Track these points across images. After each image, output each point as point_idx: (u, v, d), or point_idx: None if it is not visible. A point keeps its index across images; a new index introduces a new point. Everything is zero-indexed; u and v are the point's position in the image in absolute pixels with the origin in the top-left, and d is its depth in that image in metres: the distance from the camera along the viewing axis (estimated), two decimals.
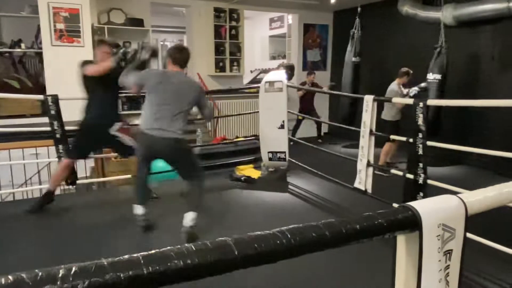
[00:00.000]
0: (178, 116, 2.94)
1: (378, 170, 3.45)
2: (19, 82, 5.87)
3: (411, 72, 5.32)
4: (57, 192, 4.64)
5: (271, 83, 4.51)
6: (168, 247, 0.47)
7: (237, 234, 0.52)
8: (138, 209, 3.17)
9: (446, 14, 5.81)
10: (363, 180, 3.33)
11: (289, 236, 0.51)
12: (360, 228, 0.56)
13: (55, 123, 3.62)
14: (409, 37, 7.00)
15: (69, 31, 5.66)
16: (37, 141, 4.34)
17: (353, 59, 6.60)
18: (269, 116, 4.53)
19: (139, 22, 6.80)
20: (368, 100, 3.26)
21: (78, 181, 4.06)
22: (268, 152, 4.64)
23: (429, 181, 2.85)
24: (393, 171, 3.34)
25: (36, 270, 0.41)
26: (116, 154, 4.09)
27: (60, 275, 0.41)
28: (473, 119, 5.87)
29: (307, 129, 7.81)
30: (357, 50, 6.58)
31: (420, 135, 2.86)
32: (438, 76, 5.22)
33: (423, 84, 5.23)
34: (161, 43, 13.52)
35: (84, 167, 4.90)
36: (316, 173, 4.43)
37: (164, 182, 4.72)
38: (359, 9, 6.57)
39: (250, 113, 5.20)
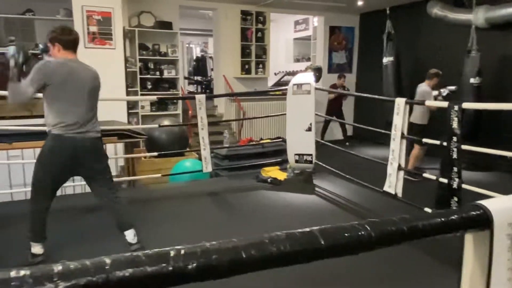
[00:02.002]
0: (94, 113, 2.62)
1: (406, 175, 3.40)
2: None
3: (441, 73, 5.23)
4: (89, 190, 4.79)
5: (299, 85, 4.52)
6: (263, 235, 0.50)
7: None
8: (36, 248, 2.61)
9: (477, 16, 5.69)
10: (393, 184, 3.30)
11: (369, 229, 0.53)
12: (435, 224, 0.58)
13: None
14: (438, 39, 6.88)
15: (101, 34, 5.83)
16: None
17: (387, 59, 6.57)
18: (297, 118, 4.54)
19: (168, 25, 6.93)
20: (400, 103, 3.23)
21: None
22: (295, 154, 4.64)
23: (464, 186, 2.81)
24: (425, 175, 3.30)
25: (149, 251, 0.44)
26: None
27: (171, 255, 0.44)
28: (506, 124, 5.72)
29: (334, 132, 7.79)
30: (393, 51, 6.54)
31: (455, 138, 2.81)
32: (473, 80, 5.17)
33: (453, 88, 5.15)
34: (187, 45, 13.75)
35: (114, 166, 5.03)
36: (343, 176, 4.41)
37: (191, 182, 4.81)
38: (387, 11, 6.52)
39: (277, 115, 5.23)
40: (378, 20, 6.93)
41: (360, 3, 7.23)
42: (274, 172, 4.91)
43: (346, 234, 0.52)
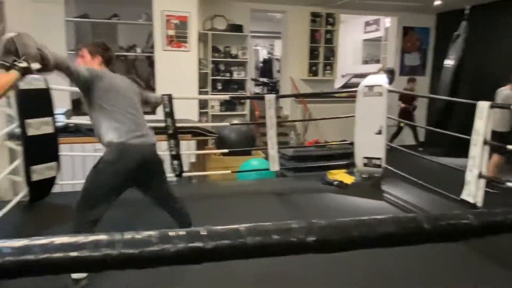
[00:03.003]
0: (144, 119, 2.48)
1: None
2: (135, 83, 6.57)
3: None
4: None
5: (370, 87, 4.44)
6: (369, 217, 0.54)
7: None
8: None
9: None
10: (473, 192, 3.12)
11: (472, 218, 0.55)
12: None
13: (169, 120, 3.99)
14: None
15: (178, 37, 6.19)
16: None
17: (449, 62, 6.24)
18: (367, 121, 4.46)
19: (239, 28, 7.16)
20: (483, 107, 3.05)
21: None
22: (363, 158, 4.56)
23: None
24: (509, 184, 3.09)
25: (275, 223, 0.51)
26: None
27: (293, 226, 0.50)
28: None
29: (405, 137, 7.50)
30: (458, 54, 6.18)
31: None
32: None
33: None
34: (254, 47, 14.02)
35: (186, 162, 5.31)
36: (415, 182, 4.25)
37: (258, 180, 4.92)
38: (466, 11, 6.16)
39: (345, 117, 5.17)
40: (456, 21, 6.56)
41: (437, 2, 6.90)
42: (340, 175, 4.86)
43: (450, 221, 0.55)
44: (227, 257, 0.47)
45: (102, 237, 0.44)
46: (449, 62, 6.28)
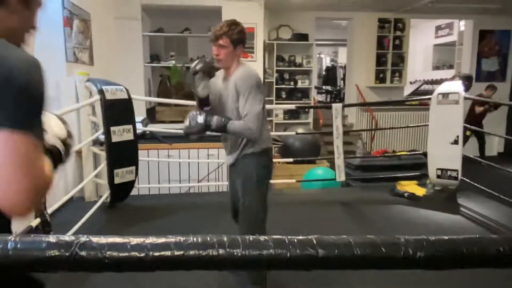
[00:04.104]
0: None
1: None
2: None
3: None
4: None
5: (445, 94, 4.21)
6: (477, 235, 0.53)
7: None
8: None
9: None
10: None
11: None
12: None
13: None
14: None
15: (245, 48, 6.35)
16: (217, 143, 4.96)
17: None
18: (441, 130, 4.23)
19: (304, 37, 7.19)
20: None
21: None
22: (437, 169, 4.32)
23: None
24: None
25: (389, 236, 0.52)
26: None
27: (402, 241, 0.51)
28: None
29: (475, 148, 6.97)
30: None
31: None
32: None
33: None
34: (318, 55, 13.95)
35: None
36: (497, 197, 3.94)
37: (322, 190, 4.88)
38: None
39: (416, 126, 4.94)
40: None
41: None
42: (411, 187, 4.65)
43: None
44: (336, 267, 0.49)
45: (225, 238, 0.49)
46: None
